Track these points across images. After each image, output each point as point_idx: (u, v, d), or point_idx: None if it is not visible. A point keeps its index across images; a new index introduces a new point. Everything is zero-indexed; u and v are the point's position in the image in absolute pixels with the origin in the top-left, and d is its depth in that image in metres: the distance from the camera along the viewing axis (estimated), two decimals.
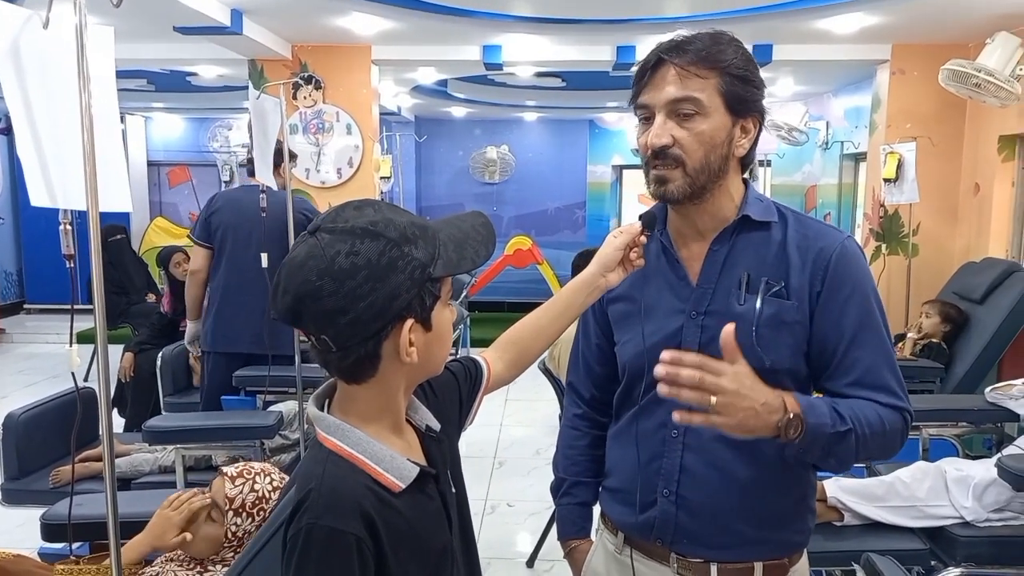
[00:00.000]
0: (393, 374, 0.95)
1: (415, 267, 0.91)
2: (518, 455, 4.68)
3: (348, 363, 0.93)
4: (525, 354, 1.30)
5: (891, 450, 1.24)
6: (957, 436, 3.03)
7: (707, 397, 1.06)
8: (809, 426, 1.11)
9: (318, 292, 0.88)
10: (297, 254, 0.91)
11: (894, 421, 1.20)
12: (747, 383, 1.08)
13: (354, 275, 0.88)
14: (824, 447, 1.15)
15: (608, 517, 1.42)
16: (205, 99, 7.87)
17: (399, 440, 1.00)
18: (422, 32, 4.79)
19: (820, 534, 2.30)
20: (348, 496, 0.90)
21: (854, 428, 1.15)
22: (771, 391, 1.10)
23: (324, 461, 0.94)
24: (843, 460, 1.20)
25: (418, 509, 0.97)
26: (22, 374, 6.58)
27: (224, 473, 1.77)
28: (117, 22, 2.18)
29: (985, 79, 3.84)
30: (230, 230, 3.55)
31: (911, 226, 4.99)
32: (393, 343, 0.92)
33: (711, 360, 1.07)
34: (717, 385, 1.06)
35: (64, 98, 1.43)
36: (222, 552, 1.76)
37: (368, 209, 0.93)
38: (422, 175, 9.69)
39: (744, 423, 1.08)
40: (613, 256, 1.29)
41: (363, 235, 0.90)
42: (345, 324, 0.90)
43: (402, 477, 0.95)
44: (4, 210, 8.80)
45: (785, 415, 1.10)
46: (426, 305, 0.94)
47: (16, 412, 2.99)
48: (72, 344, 1.56)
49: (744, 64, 1.22)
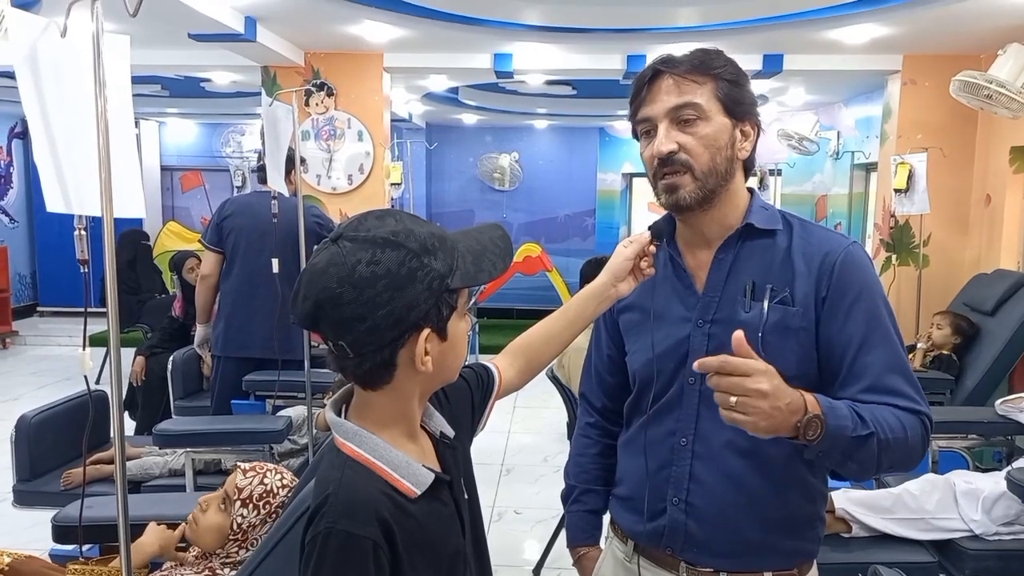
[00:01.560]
0: (408, 381, 0.97)
1: (434, 277, 0.93)
2: (526, 462, 4.67)
3: (364, 369, 0.95)
4: (535, 362, 1.31)
5: (913, 458, 1.21)
6: (967, 448, 3.02)
7: (727, 398, 1.05)
8: (829, 427, 1.09)
9: (338, 299, 0.90)
10: (319, 260, 0.93)
11: (914, 426, 1.17)
12: (775, 382, 1.05)
13: (374, 284, 0.90)
14: (844, 451, 1.12)
15: (618, 525, 1.42)
16: (218, 105, 7.93)
17: (414, 446, 1.01)
18: (433, 40, 4.82)
19: (828, 545, 2.28)
20: (365, 501, 0.92)
21: (876, 432, 1.13)
22: (794, 391, 1.08)
23: (342, 467, 0.95)
24: (864, 466, 1.16)
25: (433, 515, 0.98)
26: (35, 376, 6.63)
27: (239, 466, 1.84)
28: (133, 29, 2.21)
29: (997, 90, 3.83)
30: (242, 235, 3.58)
31: (922, 237, 4.97)
32: (409, 351, 0.94)
33: (737, 360, 1.04)
34: (737, 385, 1.04)
35: (80, 105, 1.45)
36: (227, 546, 1.79)
37: (390, 219, 0.94)
38: (432, 182, 9.73)
39: (769, 424, 1.05)
40: (623, 266, 1.30)
41: (384, 244, 0.91)
42: (363, 331, 0.91)
43: (418, 483, 0.96)
44: (19, 213, 8.89)
45: (805, 415, 1.08)
46: (443, 315, 0.95)
47: (29, 414, 3.02)
48: (84, 348, 1.58)
49: (735, 71, 1.26)
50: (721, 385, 1.04)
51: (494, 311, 8.69)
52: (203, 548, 1.82)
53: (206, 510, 1.81)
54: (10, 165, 8.76)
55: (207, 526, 1.80)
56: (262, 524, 1.79)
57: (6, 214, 8.72)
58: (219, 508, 1.81)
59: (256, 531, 1.79)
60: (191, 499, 2.07)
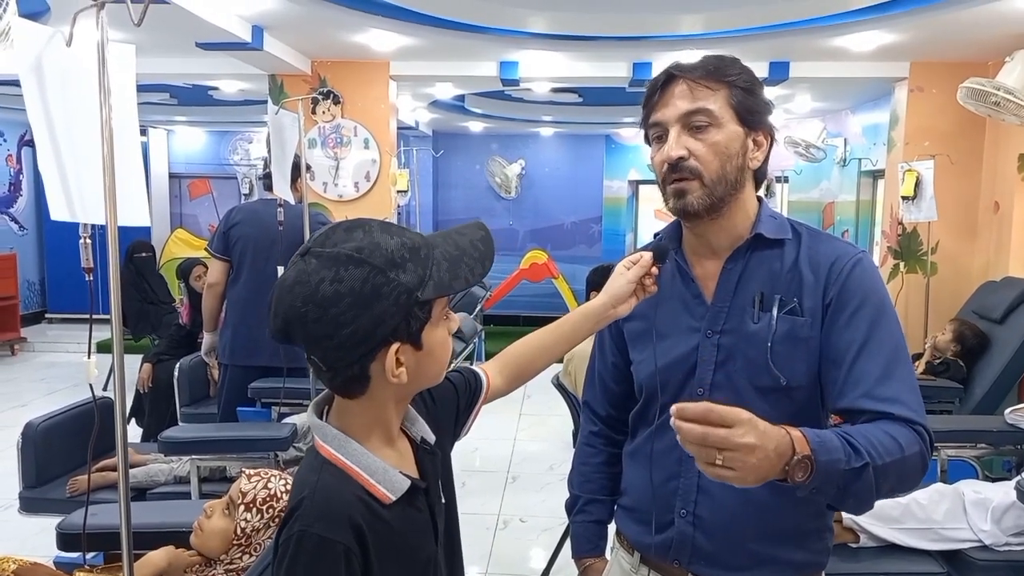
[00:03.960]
0: (382, 391, 0.97)
1: (401, 292, 0.92)
2: (531, 470, 4.66)
3: (338, 382, 0.96)
4: (525, 371, 1.31)
5: (912, 479, 1.14)
6: (976, 458, 2.99)
7: (712, 453, 0.94)
8: (819, 464, 1.01)
9: (303, 317, 0.90)
10: (287, 277, 0.93)
11: (911, 442, 1.10)
12: (760, 428, 0.96)
13: (337, 302, 0.90)
14: (839, 485, 1.04)
15: (624, 536, 1.41)
16: (226, 113, 7.98)
17: (391, 451, 1.02)
18: (440, 48, 4.83)
19: (836, 555, 2.26)
20: (340, 506, 0.93)
21: (871, 462, 1.05)
22: (779, 430, 0.99)
23: (319, 470, 0.96)
24: (862, 499, 1.08)
25: (407, 521, 0.99)
26: (43, 382, 6.66)
27: (244, 472, 1.86)
28: (141, 38, 2.22)
29: (1004, 97, 3.81)
30: (249, 243, 3.59)
31: (929, 244, 4.95)
32: (380, 364, 0.94)
33: (721, 408, 0.95)
34: (724, 439, 0.94)
35: (85, 114, 1.46)
36: (231, 551, 1.80)
37: (358, 232, 0.93)
38: (439, 189, 9.75)
39: (757, 474, 0.97)
40: (625, 289, 1.29)
41: (347, 262, 0.91)
42: (331, 348, 0.92)
43: (393, 489, 0.97)
44: (28, 221, 8.94)
45: (793, 456, 0.99)
46: (413, 328, 0.95)
47: (35, 421, 3.02)
48: (90, 356, 1.58)
49: (750, 79, 1.25)
50: (709, 439, 0.93)
51: (500, 318, 8.68)
52: (208, 554, 1.84)
53: (211, 515, 1.83)
54: (20, 173, 8.82)
55: (212, 531, 1.82)
56: (265, 528, 1.80)
57: (15, 221, 8.77)
58: (224, 513, 1.82)
59: (260, 535, 1.80)
60: (196, 506, 2.08)
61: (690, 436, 0.94)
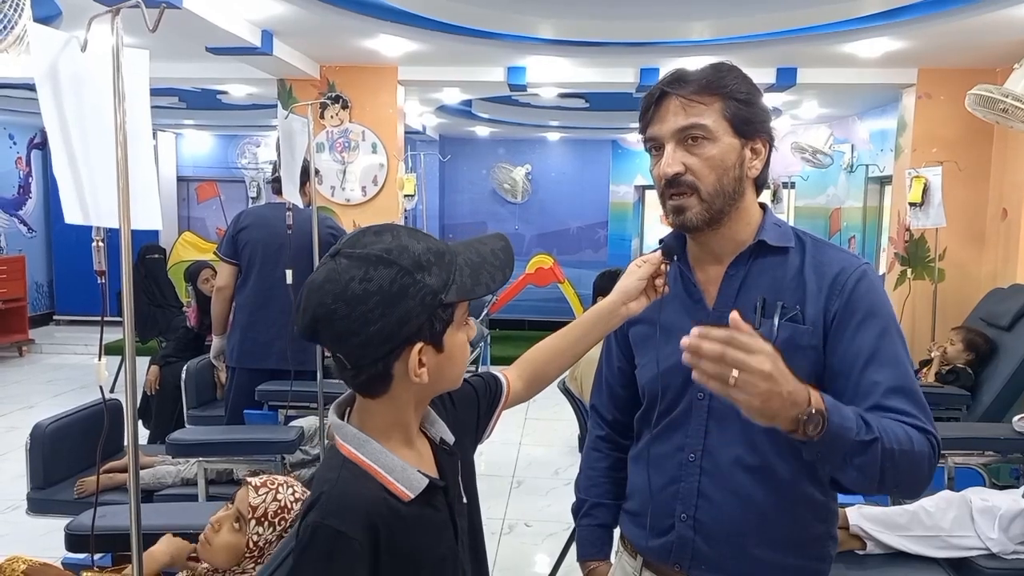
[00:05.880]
0: (404, 391, 1.00)
1: (426, 293, 0.95)
2: (536, 475, 4.66)
3: (361, 380, 0.99)
4: (542, 375, 1.33)
5: (918, 478, 1.15)
6: (983, 465, 2.98)
7: (727, 371, 0.96)
8: (831, 425, 1.03)
9: (332, 315, 0.94)
10: (317, 276, 0.96)
11: (921, 442, 1.13)
12: (779, 365, 0.99)
13: (366, 301, 0.93)
14: (846, 454, 1.07)
15: (627, 540, 1.42)
16: (234, 117, 8.01)
17: (410, 452, 1.04)
18: (447, 53, 4.85)
19: (842, 563, 2.27)
20: (357, 502, 0.95)
21: (880, 439, 1.07)
22: (799, 383, 1.02)
23: (339, 467, 0.99)
24: (867, 474, 1.09)
25: (423, 520, 1.00)
26: (51, 384, 6.68)
27: (248, 483, 1.80)
28: (152, 43, 2.23)
29: (1013, 104, 3.80)
30: (258, 247, 3.60)
31: (937, 251, 4.94)
32: (404, 364, 0.97)
33: (744, 336, 0.97)
34: (742, 361, 0.96)
35: (99, 119, 1.47)
36: (243, 563, 1.77)
37: (387, 235, 0.97)
38: (446, 193, 9.77)
39: (766, 407, 0.99)
40: (636, 286, 1.30)
41: (377, 262, 0.94)
42: (356, 345, 0.95)
43: (411, 487, 0.99)
44: (37, 223, 8.99)
45: (807, 408, 1.02)
46: (436, 330, 0.98)
47: (44, 423, 3.04)
48: (100, 358, 1.59)
49: (746, 88, 1.24)
50: (727, 357, 0.96)
51: (506, 322, 8.69)
52: (216, 567, 1.79)
53: (219, 530, 1.77)
54: (29, 175, 8.87)
55: (221, 546, 1.76)
56: (278, 540, 1.76)
57: (24, 224, 8.82)
58: (232, 528, 1.77)
59: (273, 547, 1.76)
60: (203, 508, 2.08)
61: (709, 352, 0.96)
